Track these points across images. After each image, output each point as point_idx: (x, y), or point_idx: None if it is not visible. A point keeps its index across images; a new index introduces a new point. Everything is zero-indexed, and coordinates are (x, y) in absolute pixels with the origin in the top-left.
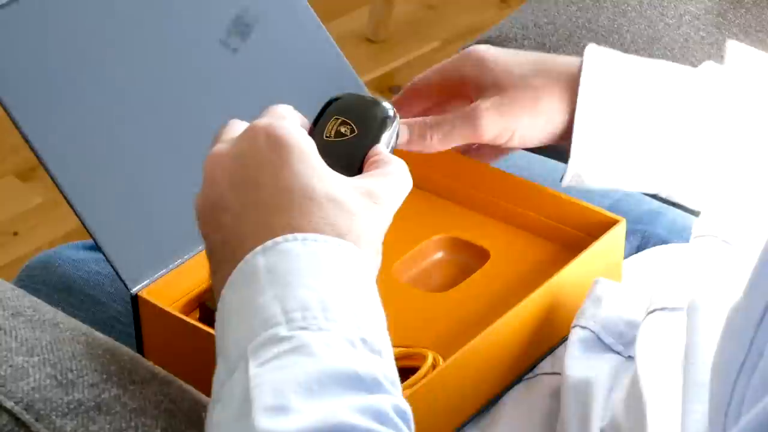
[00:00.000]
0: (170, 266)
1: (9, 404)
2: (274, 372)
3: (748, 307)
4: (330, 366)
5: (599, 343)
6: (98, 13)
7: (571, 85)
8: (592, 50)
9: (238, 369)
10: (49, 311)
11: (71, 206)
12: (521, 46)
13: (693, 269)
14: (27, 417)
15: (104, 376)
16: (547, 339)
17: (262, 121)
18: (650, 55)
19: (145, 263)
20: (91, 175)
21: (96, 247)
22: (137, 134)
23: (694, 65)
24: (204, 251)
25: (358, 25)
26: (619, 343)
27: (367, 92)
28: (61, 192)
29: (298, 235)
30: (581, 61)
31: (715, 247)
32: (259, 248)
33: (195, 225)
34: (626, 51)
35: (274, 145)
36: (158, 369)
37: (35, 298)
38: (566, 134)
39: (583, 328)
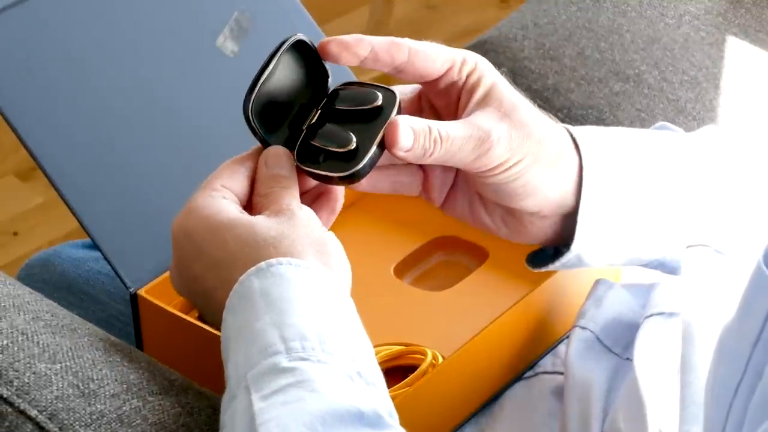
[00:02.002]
0: (169, 265)
1: (33, 413)
2: (279, 408)
3: (741, 328)
4: (334, 403)
5: (599, 345)
6: (95, 16)
7: (570, 158)
8: (582, 132)
9: (238, 396)
10: (66, 315)
11: (69, 207)
12: (521, 46)
13: (687, 280)
14: (51, 426)
15: (124, 386)
16: (546, 338)
17: (173, 222)
18: (650, 56)
19: (144, 262)
20: (88, 175)
21: (95, 247)
22: (135, 135)
23: (694, 65)
24: None
25: (358, 25)
26: (617, 345)
27: None
28: (59, 193)
29: (292, 260)
30: (571, 137)
31: (707, 257)
32: (252, 269)
33: None
34: (626, 51)
35: (187, 237)
36: (175, 375)
37: (53, 302)
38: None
39: (584, 328)
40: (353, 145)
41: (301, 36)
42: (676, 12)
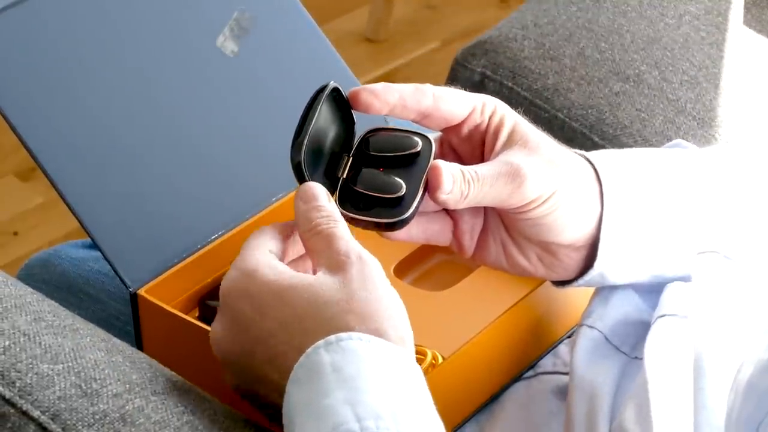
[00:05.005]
0: (169, 265)
1: (36, 414)
2: None
3: None
4: None
5: (606, 344)
6: (95, 17)
7: (593, 185)
8: (599, 157)
9: None
10: (68, 316)
11: (69, 206)
12: (521, 46)
13: (697, 285)
14: (54, 427)
15: (127, 386)
16: (546, 337)
17: (226, 283)
18: (650, 56)
19: (144, 262)
20: (88, 175)
21: (95, 246)
22: (135, 134)
23: (694, 65)
24: (202, 251)
25: (358, 25)
26: (625, 344)
27: None
28: (59, 193)
29: (363, 336)
30: (589, 163)
31: (717, 263)
32: (321, 342)
33: (194, 224)
34: (626, 51)
35: (247, 300)
36: (177, 377)
37: (54, 302)
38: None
39: (591, 327)
40: (402, 191)
41: (336, 84)
42: (676, 12)
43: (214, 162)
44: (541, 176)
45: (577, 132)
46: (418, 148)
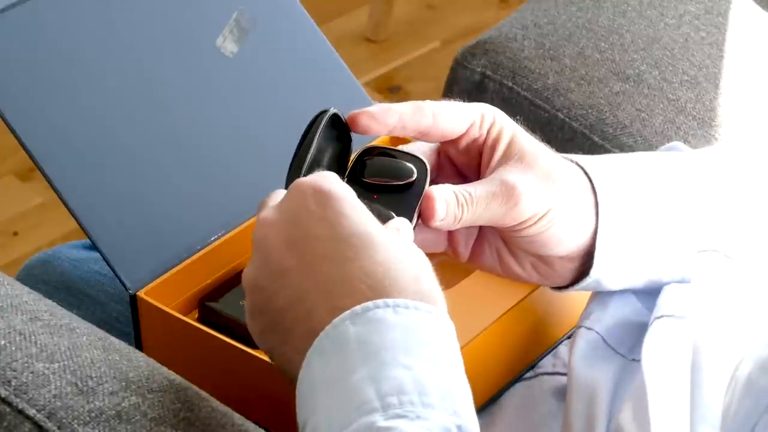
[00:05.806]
0: (169, 266)
1: (31, 412)
2: None
3: None
4: None
5: (604, 345)
6: (95, 18)
7: (588, 196)
8: (593, 164)
9: None
10: (65, 315)
11: (67, 207)
12: (521, 46)
13: (697, 284)
14: (49, 425)
15: (123, 384)
16: (546, 338)
17: (305, 179)
18: (650, 56)
19: (144, 263)
20: (87, 176)
21: (95, 248)
22: (134, 135)
23: (694, 65)
24: (202, 252)
25: (358, 25)
26: (623, 346)
27: (364, 93)
28: (58, 194)
29: (389, 301)
30: (584, 173)
31: (717, 261)
32: (347, 314)
33: (193, 225)
34: (626, 51)
35: (323, 198)
36: (174, 375)
37: (51, 302)
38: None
39: (589, 329)
40: None
41: (335, 110)
42: (676, 12)
43: (214, 162)
44: (537, 195)
45: (577, 132)
46: (413, 178)
